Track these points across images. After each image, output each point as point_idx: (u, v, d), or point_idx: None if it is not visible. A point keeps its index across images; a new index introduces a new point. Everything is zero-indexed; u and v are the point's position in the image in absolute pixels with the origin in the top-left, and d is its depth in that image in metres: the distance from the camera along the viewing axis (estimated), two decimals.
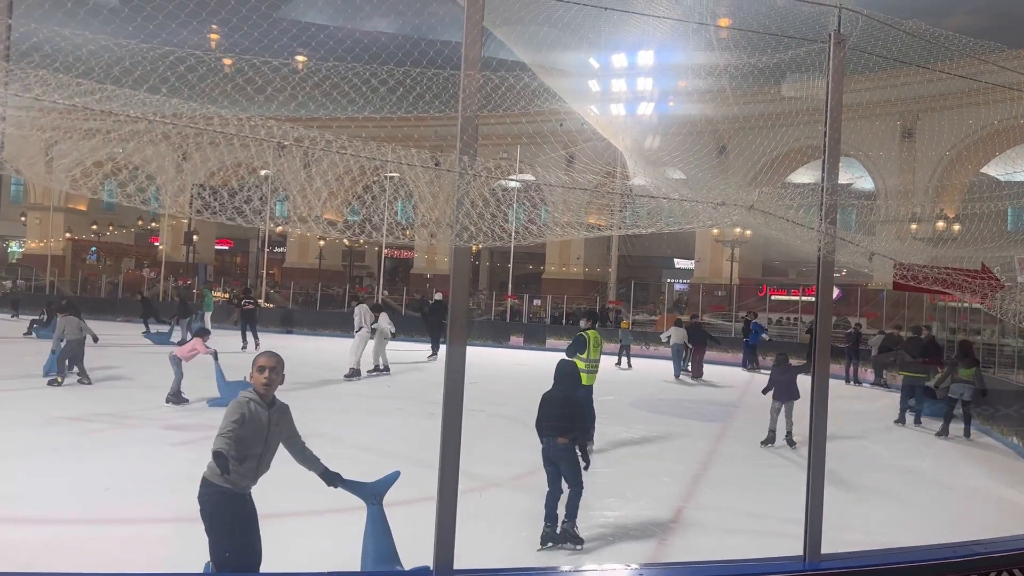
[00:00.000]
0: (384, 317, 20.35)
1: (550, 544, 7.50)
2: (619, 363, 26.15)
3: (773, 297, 43.22)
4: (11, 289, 39.88)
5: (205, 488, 4.75)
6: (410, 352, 26.38)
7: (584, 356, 11.73)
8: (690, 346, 24.18)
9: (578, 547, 7.49)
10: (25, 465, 8.97)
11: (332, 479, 5.15)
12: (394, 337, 21.17)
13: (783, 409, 12.93)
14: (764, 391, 13.34)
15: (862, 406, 19.37)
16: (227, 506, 4.71)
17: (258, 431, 4.73)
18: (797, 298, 39.61)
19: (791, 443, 12.82)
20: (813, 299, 5.23)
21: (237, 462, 4.64)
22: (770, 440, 12.99)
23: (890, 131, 39.48)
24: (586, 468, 7.75)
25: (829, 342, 5.20)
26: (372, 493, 5.21)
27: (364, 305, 20.55)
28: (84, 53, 3.58)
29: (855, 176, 38.88)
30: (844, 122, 4.63)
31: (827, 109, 4.46)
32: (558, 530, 7.56)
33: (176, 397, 13.85)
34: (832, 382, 6.51)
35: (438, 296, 30.48)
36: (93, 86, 3.13)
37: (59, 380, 15.30)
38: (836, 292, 36.68)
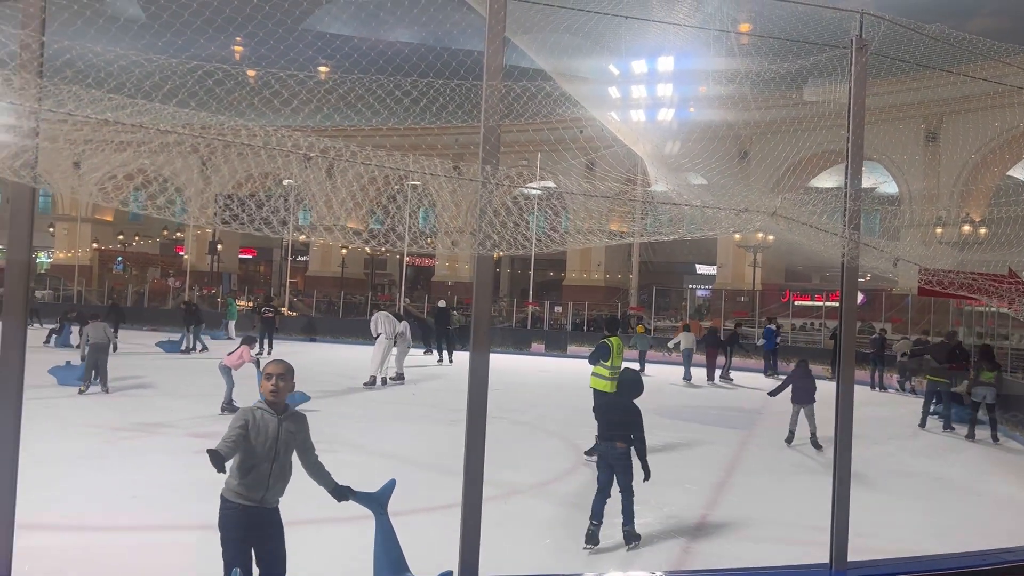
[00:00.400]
0: (404, 325, 20.40)
1: (594, 545, 7.60)
2: (640, 369, 26.20)
3: (796, 302, 42.84)
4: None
5: (221, 506, 4.76)
6: (428, 358, 26.47)
7: (607, 363, 11.70)
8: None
9: (633, 545, 7.65)
10: (54, 473, 9.10)
11: (342, 494, 5.04)
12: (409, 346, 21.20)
13: (802, 411, 13.31)
14: (770, 394, 13.82)
15: (888, 412, 19.17)
16: (238, 522, 4.67)
17: (266, 440, 4.67)
18: (821, 303, 39.25)
19: (816, 446, 13.07)
20: (837, 304, 5.21)
21: (244, 474, 4.64)
22: (790, 439, 13.48)
23: (914, 134, 39.12)
24: (645, 479, 7.80)
25: (854, 348, 5.17)
26: (378, 503, 5.20)
27: (383, 312, 20.52)
28: (115, 69, 3.66)
29: (879, 180, 38.54)
30: (867, 126, 4.61)
31: (849, 115, 4.44)
32: (622, 534, 7.75)
33: (230, 406, 13.85)
34: (857, 388, 6.46)
35: (441, 303, 30.72)
36: (124, 101, 3.20)
37: (83, 388, 15.51)
38: (860, 297, 36.35)
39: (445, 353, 27.02)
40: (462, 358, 28.61)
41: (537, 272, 42.92)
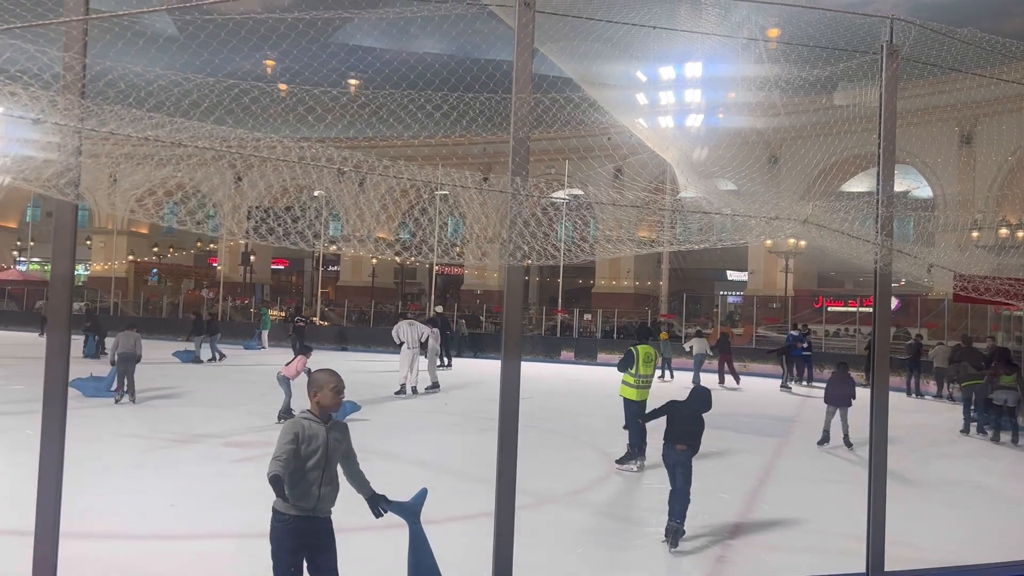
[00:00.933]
0: (427, 333, 20.27)
1: (671, 538, 8.03)
2: (662, 376, 26.41)
3: (830, 308, 42.36)
4: (39, 307, 41.15)
5: (272, 517, 4.74)
6: (460, 367, 26.56)
7: (633, 371, 11.66)
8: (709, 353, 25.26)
9: (672, 540, 7.93)
10: (93, 482, 9.27)
11: (377, 503, 5.00)
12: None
13: (837, 412, 13.83)
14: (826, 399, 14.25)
15: (925, 419, 18.88)
16: (288, 534, 4.66)
17: (316, 450, 4.69)
18: (855, 309, 38.73)
19: (848, 444, 13.65)
20: (871, 310, 5.17)
21: (292, 485, 4.62)
22: (825, 440, 13.99)
23: (948, 137, 38.51)
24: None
25: (888, 355, 5.12)
26: (412, 512, 5.21)
27: (405, 320, 20.28)
28: (155, 88, 3.75)
29: (913, 184, 37.98)
30: (899, 129, 4.57)
31: (880, 121, 4.42)
32: (664, 528, 8.11)
33: (287, 415, 14.01)
34: (893, 395, 6.38)
35: (438, 309, 30.96)
36: (164, 119, 3.29)
37: (118, 397, 15.75)
38: (895, 303, 35.79)
39: (446, 358, 27.59)
40: (464, 364, 28.81)
41: (566, 280, 42.87)
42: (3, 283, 52.93)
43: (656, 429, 12.01)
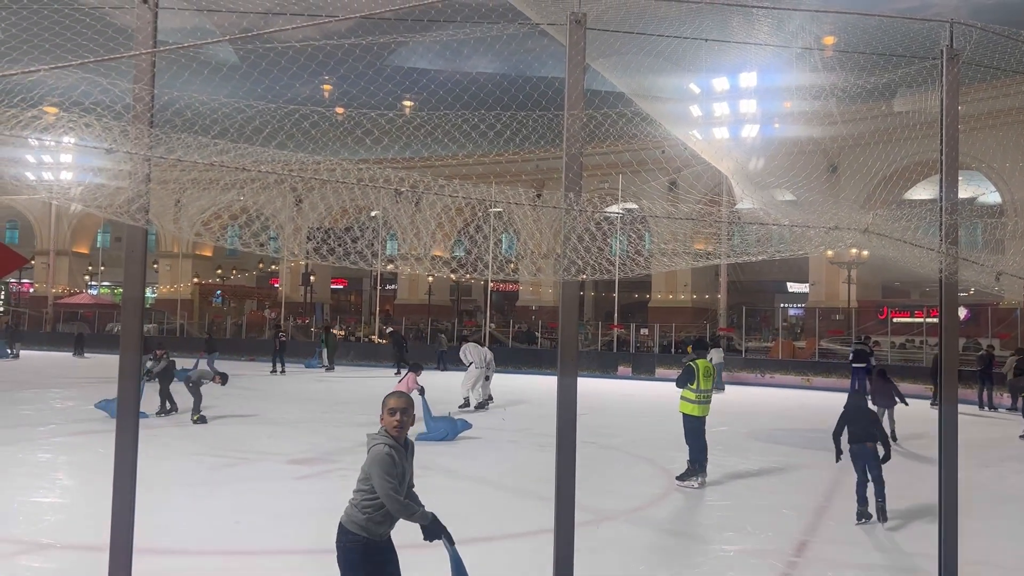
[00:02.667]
0: (490, 353, 21.08)
1: (863, 520, 9.39)
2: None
3: (895, 319, 41.21)
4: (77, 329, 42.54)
5: (342, 536, 4.72)
6: (515, 383, 26.57)
7: (693, 386, 11.51)
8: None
9: (885, 519, 9.39)
10: (162, 499, 9.52)
11: (435, 529, 4.78)
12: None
13: (885, 413, 14.99)
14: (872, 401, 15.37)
15: (999, 432, 18.20)
16: (363, 555, 4.67)
17: (402, 474, 4.69)
18: (921, 320, 37.61)
19: (894, 438, 14.92)
20: (938, 321, 5.03)
21: (377, 506, 4.61)
22: None
23: (1015, 140, 37.29)
24: (886, 459, 9.58)
25: (956, 367, 4.97)
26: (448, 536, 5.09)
27: (471, 343, 21.43)
28: (219, 116, 3.90)
29: (979, 190, 36.83)
30: (964, 133, 4.44)
31: (942, 128, 4.32)
32: (871, 509, 9.46)
33: None
34: (964, 408, 6.20)
35: (389, 329, 34.98)
36: (228, 145, 3.41)
37: (194, 418, 16.13)
38: (964, 313, 34.62)
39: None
40: (516, 380, 28.78)
41: (622, 294, 42.61)
42: (76, 306, 54.94)
43: (713, 446, 11.85)
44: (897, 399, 15.07)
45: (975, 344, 31.96)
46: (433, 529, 4.74)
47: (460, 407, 19.21)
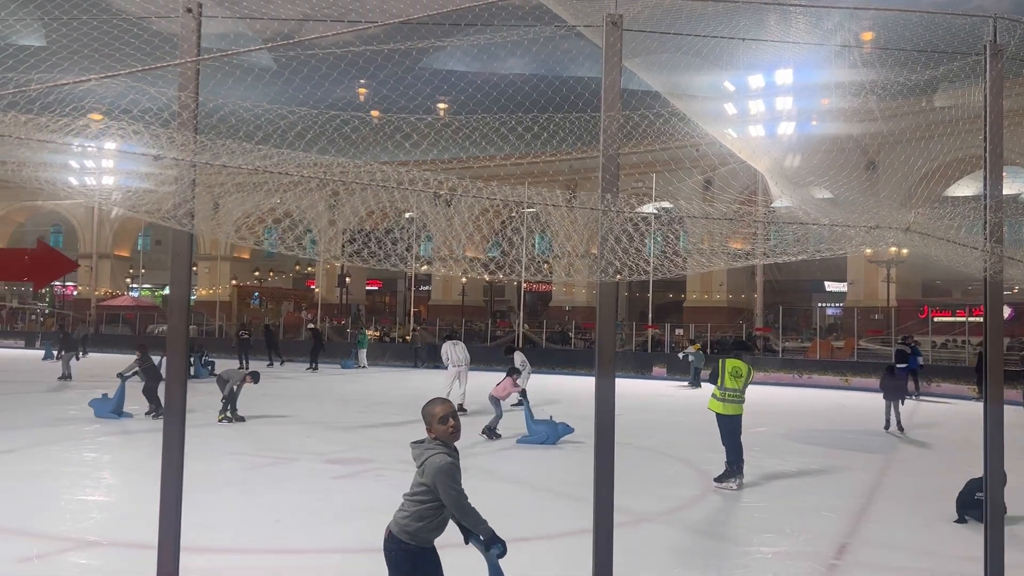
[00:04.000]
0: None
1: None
2: (689, 384, 29.01)
3: (936, 319, 40.48)
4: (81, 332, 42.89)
5: (392, 544, 4.72)
6: (550, 383, 26.56)
7: (719, 385, 11.41)
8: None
9: None
10: (202, 498, 9.69)
11: (493, 541, 4.71)
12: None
13: (892, 405, 17.21)
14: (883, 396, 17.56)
15: None
16: (414, 564, 4.69)
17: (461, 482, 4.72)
18: (963, 319, 36.88)
19: (900, 429, 17.23)
20: (981, 320, 4.95)
21: (433, 514, 4.63)
22: (886, 426, 17.40)
23: None
24: None
25: (1001, 367, 4.89)
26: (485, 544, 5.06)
27: (449, 342, 20.61)
28: (262, 121, 3.98)
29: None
30: (1008, 128, 4.37)
31: (986, 124, 4.25)
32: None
33: (491, 433, 14.54)
34: (1009, 409, 6.06)
35: (311, 326, 39.75)
36: (271, 151, 3.48)
37: (220, 418, 16.35)
38: (1008, 312, 33.87)
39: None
40: (549, 380, 28.83)
41: (656, 294, 42.39)
42: (118, 308, 56.06)
43: (750, 447, 11.74)
44: (907, 394, 17.49)
45: (1020, 343, 31.27)
46: (490, 539, 4.68)
47: (512, 406, 19.27)
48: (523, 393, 14.66)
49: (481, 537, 4.68)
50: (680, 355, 31.46)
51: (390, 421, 17.38)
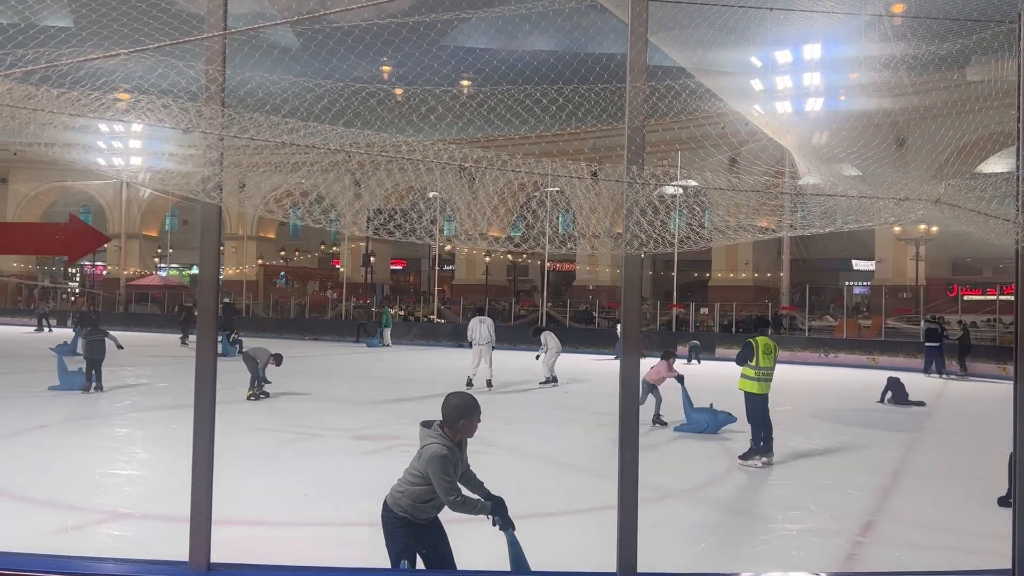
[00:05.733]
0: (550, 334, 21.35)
1: None
2: (689, 361, 28.90)
3: (966, 297, 39.91)
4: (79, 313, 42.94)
5: (386, 513, 4.81)
6: (574, 362, 26.58)
7: (753, 363, 11.37)
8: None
9: None
10: (231, 473, 9.83)
11: (495, 510, 4.77)
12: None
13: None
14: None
15: None
16: (407, 529, 4.76)
17: (456, 475, 4.74)
18: (994, 298, 36.35)
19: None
20: (1012, 299, 4.87)
21: (425, 499, 4.70)
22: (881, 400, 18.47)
23: None
24: None
25: None
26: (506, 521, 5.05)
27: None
28: (289, 95, 4.00)
29: None
30: None
31: (1020, 92, 4.17)
32: None
33: (657, 419, 14.06)
34: None
35: (226, 300, 38.67)
36: (298, 124, 3.51)
37: (248, 395, 16.51)
38: None
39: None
40: (574, 360, 28.91)
41: (681, 273, 42.16)
42: (147, 288, 56.81)
43: (775, 426, 11.70)
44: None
45: None
46: (501, 516, 4.75)
47: (540, 384, 20.17)
48: (680, 379, 14.03)
49: (489, 517, 4.72)
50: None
51: (416, 397, 17.50)
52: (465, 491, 4.77)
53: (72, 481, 9.55)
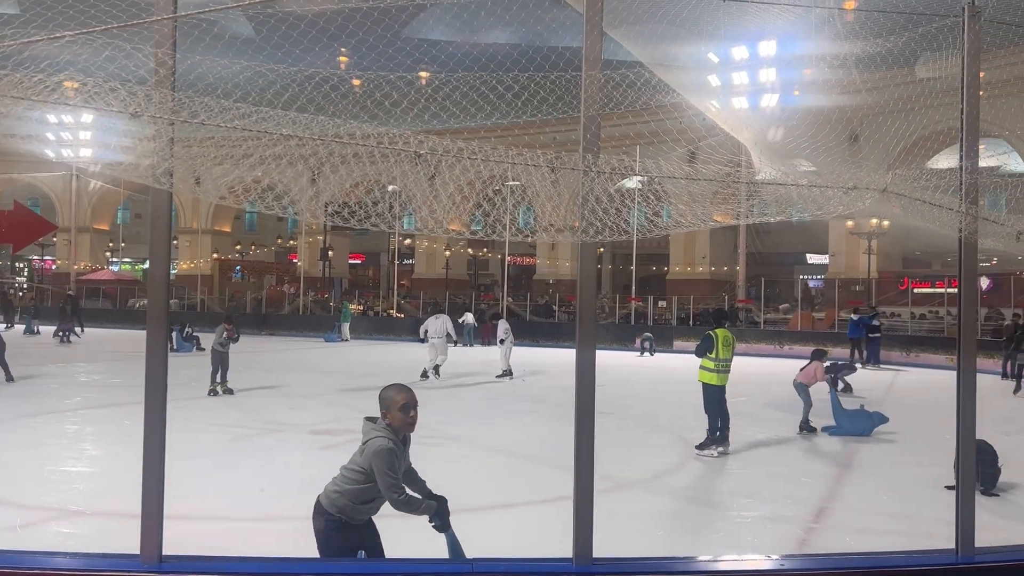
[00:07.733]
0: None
1: None
2: (642, 354, 30.08)
3: (916, 290, 40.85)
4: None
5: (319, 516, 4.63)
6: (534, 355, 26.67)
7: (712, 355, 11.53)
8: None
9: None
10: (187, 468, 9.67)
11: (443, 520, 4.63)
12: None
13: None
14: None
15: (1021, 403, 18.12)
16: (341, 534, 4.58)
17: (400, 470, 4.57)
18: (942, 290, 37.28)
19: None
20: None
21: (365, 499, 4.54)
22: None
23: None
24: None
25: (975, 333, 4.95)
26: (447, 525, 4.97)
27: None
28: (241, 80, 3.93)
29: (1004, 159, 36.26)
30: (988, 100, 4.41)
31: (963, 86, 4.28)
32: None
33: (806, 425, 13.27)
34: (989, 378, 6.18)
35: (70, 292, 41.93)
36: (249, 109, 3.46)
37: (211, 390, 16.30)
38: (986, 282, 34.26)
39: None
40: (533, 353, 29.12)
41: (639, 267, 42.52)
42: (98, 283, 55.57)
43: (735, 414, 11.88)
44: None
45: (997, 314, 31.68)
46: (441, 518, 4.62)
47: (496, 377, 20.42)
48: (832, 382, 13.48)
49: (429, 518, 4.59)
50: (460, 320, 31.37)
51: (375, 393, 17.38)
52: (408, 490, 4.62)
53: (20, 479, 9.32)
